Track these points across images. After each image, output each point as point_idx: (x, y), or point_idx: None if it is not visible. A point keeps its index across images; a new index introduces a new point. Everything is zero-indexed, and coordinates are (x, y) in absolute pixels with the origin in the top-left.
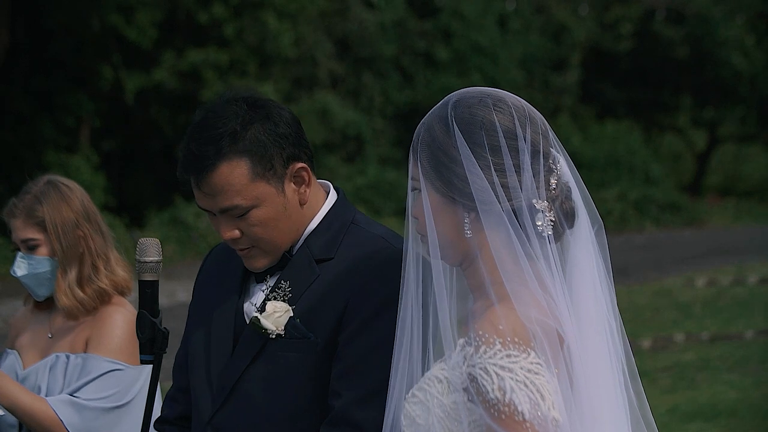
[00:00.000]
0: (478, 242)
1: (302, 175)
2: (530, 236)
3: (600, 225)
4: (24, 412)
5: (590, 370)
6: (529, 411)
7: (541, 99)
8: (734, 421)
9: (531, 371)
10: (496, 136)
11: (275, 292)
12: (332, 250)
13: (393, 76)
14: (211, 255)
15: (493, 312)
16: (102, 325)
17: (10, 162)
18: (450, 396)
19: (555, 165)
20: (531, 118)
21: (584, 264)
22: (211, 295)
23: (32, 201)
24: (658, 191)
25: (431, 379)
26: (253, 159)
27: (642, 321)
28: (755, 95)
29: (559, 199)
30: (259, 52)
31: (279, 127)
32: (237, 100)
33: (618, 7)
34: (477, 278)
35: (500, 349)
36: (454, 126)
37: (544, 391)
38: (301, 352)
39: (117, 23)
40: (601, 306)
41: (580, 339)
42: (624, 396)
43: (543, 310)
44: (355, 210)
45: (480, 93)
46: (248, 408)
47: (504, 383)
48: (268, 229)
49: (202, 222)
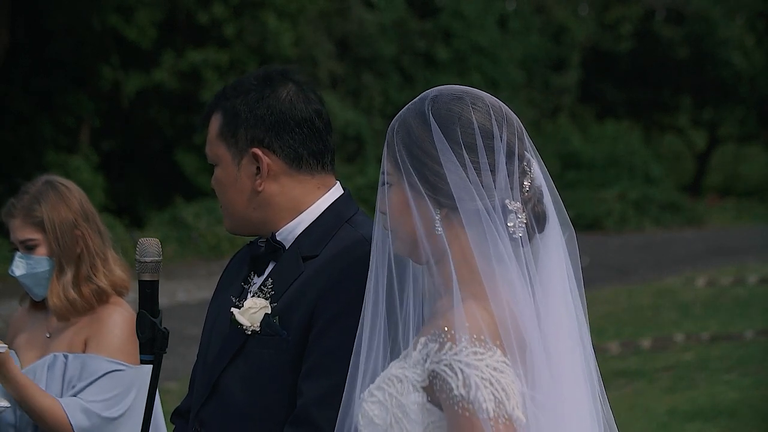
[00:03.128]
0: (447, 239)
1: (258, 164)
2: (502, 236)
3: (571, 232)
4: (38, 412)
5: (562, 375)
6: (493, 409)
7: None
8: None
9: (497, 369)
10: (472, 134)
11: (261, 289)
12: (319, 248)
13: (393, 77)
14: (235, 257)
15: (459, 309)
16: (101, 325)
17: (10, 162)
18: (409, 396)
19: (529, 168)
20: (508, 119)
21: (554, 268)
22: (221, 294)
23: (31, 201)
24: (658, 191)
25: (390, 378)
26: (225, 119)
27: (642, 321)
28: (755, 95)
29: (531, 202)
30: (259, 52)
31: (259, 108)
32: (270, 73)
33: (618, 8)
34: (444, 276)
35: (466, 346)
36: (432, 121)
37: (509, 389)
38: (275, 349)
39: (117, 23)
40: (570, 311)
41: (552, 343)
42: (597, 400)
43: (510, 311)
44: (357, 210)
45: (458, 90)
46: (228, 404)
47: (469, 380)
48: (220, 191)
49: (202, 222)
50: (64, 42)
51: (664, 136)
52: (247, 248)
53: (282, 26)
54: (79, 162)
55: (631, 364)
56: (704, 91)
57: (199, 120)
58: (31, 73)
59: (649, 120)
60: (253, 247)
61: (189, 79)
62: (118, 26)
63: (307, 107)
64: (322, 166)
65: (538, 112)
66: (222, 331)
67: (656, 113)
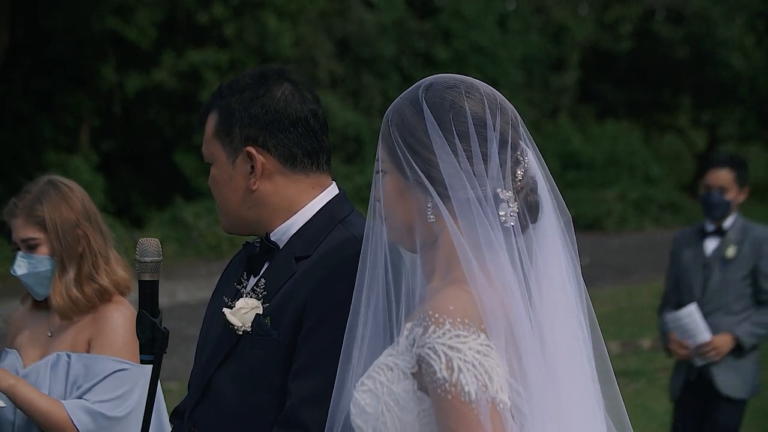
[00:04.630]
0: (439, 228)
1: (253, 163)
2: (493, 225)
3: (568, 218)
4: (40, 416)
5: (558, 365)
6: (475, 392)
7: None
8: None
9: (480, 353)
10: (465, 122)
11: (254, 289)
12: (311, 248)
13: (393, 77)
14: (233, 258)
15: (444, 293)
16: (104, 325)
17: (10, 162)
18: (400, 384)
19: (523, 157)
20: (502, 108)
21: (549, 259)
22: (217, 295)
23: (32, 200)
24: (658, 191)
25: (380, 367)
26: (221, 118)
27: (642, 321)
28: (755, 96)
29: (524, 191)
30: (259, 52)
31: (254, 107)
32: (266, 72)
33: (617, 7)
34: (434, 263)
35: (449, 329)
36: (426, 109)
37: (492, 373)
38: (266, 349)
39: (117, 23)
40: (569, 300)
41: (548, 331)
42: (596, 387)
43: (498, 299)
44: (352, 210)
45: (453, 79)
46: (219, 404)
47: (452, 363)
48: (216, 190)
49: (202, 222)
50: (64, 42)
51: (664, 136)
52: (244, 249)
53: (282, 26)
54: (79, 162)
55: (631, 364)
56: (704, 91)
57: (197, 119)
58: (30, 73)
59: (649, 120)
60: (249, 247)
61: (189, 79)
62: (117, 26)
63: (303, 107)
64: (316, 166)
65: (538, 112)
66: (216, 331)
67: (656, 113)
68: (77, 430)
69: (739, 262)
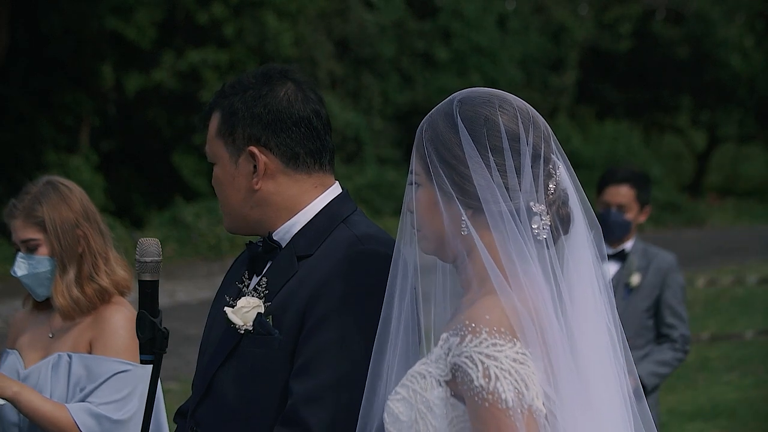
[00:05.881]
0: (474, 239)
1: (255, 163)
2: (526, 238)
3: (597, 229)
4: (45, 421)
5: (590, 373)
6: (512, 399)
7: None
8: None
9: (516, 360)
10: (499, 136)
11: (256, 288)
12: (313, 247)
13: (392, 77)
14: (237, 259)
15: (480, 303)
16: (105, 326)
17: (10, 162)
18: (433, 391)
19: (555, 170)
20: (534, 122)
21: (581, 270)
22: (220, 295)
23: (32, 201)
24: (658, 191)
25: (414, 375)
26: (224, 118)
27: None
28: (754, 96)
29: (556, 204)
30: (258, 52)
31: (256, 106)
32: (269, 71)
33: (617, 7)
34: (468, 274)
35: (486, 338)
36: (459, 123)
37: (528, 380)
38: (267, 348)
39: (116, 23)
40: (600, 311)
41: (580, 342)
42: (628, 404)
43: (533, 308)
44: (355, 210)
45: (486, 93)
46: (221, 404)
47: (489, 371)
48: (219, 189)
49: (202, 222)
50: (64, 42)
51: (664, 136)
52: (247, 249)
53: (282, 26)
54: (79, 162)
55: None
56: (704, 92)
57: (200, 119)
58: (30, 73)
59: (648, 120)
60: (252, 247)
61: (188, 79)
62: (117, 26)
63: (305, 106)
64: (319, 166)
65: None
66: (218, 331)
67: (656, 113)
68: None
69: (643, 291)
